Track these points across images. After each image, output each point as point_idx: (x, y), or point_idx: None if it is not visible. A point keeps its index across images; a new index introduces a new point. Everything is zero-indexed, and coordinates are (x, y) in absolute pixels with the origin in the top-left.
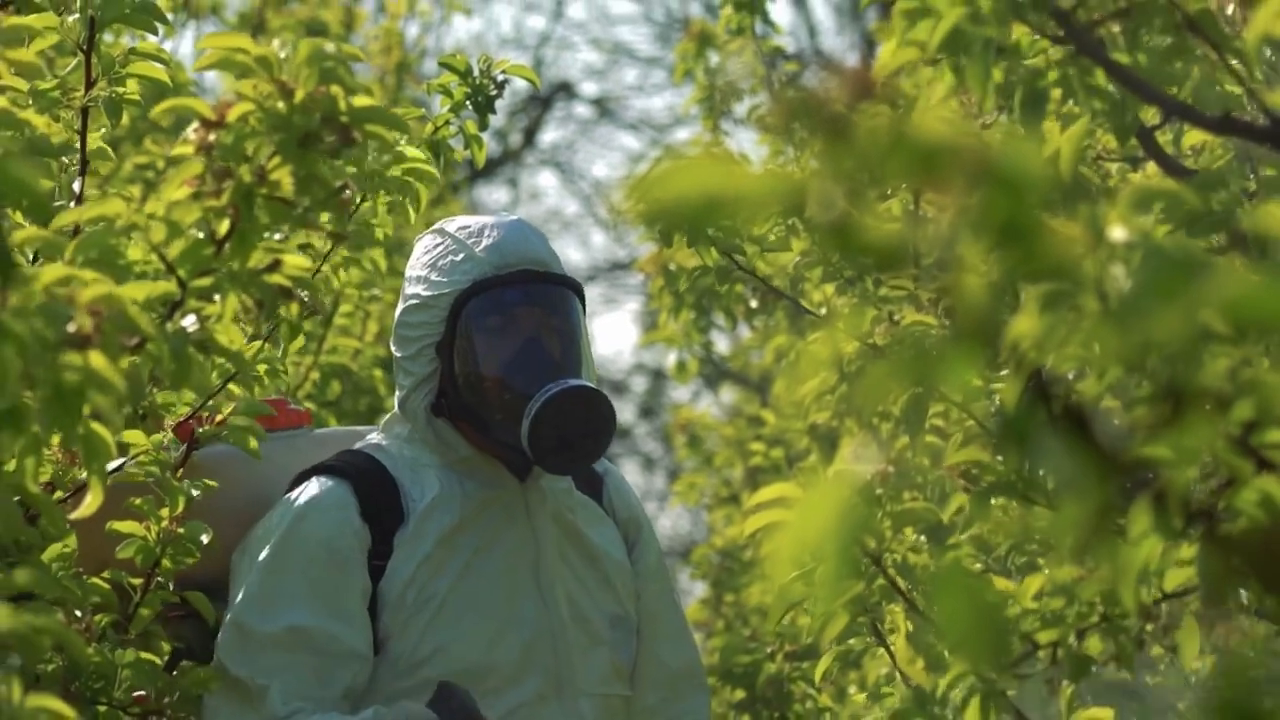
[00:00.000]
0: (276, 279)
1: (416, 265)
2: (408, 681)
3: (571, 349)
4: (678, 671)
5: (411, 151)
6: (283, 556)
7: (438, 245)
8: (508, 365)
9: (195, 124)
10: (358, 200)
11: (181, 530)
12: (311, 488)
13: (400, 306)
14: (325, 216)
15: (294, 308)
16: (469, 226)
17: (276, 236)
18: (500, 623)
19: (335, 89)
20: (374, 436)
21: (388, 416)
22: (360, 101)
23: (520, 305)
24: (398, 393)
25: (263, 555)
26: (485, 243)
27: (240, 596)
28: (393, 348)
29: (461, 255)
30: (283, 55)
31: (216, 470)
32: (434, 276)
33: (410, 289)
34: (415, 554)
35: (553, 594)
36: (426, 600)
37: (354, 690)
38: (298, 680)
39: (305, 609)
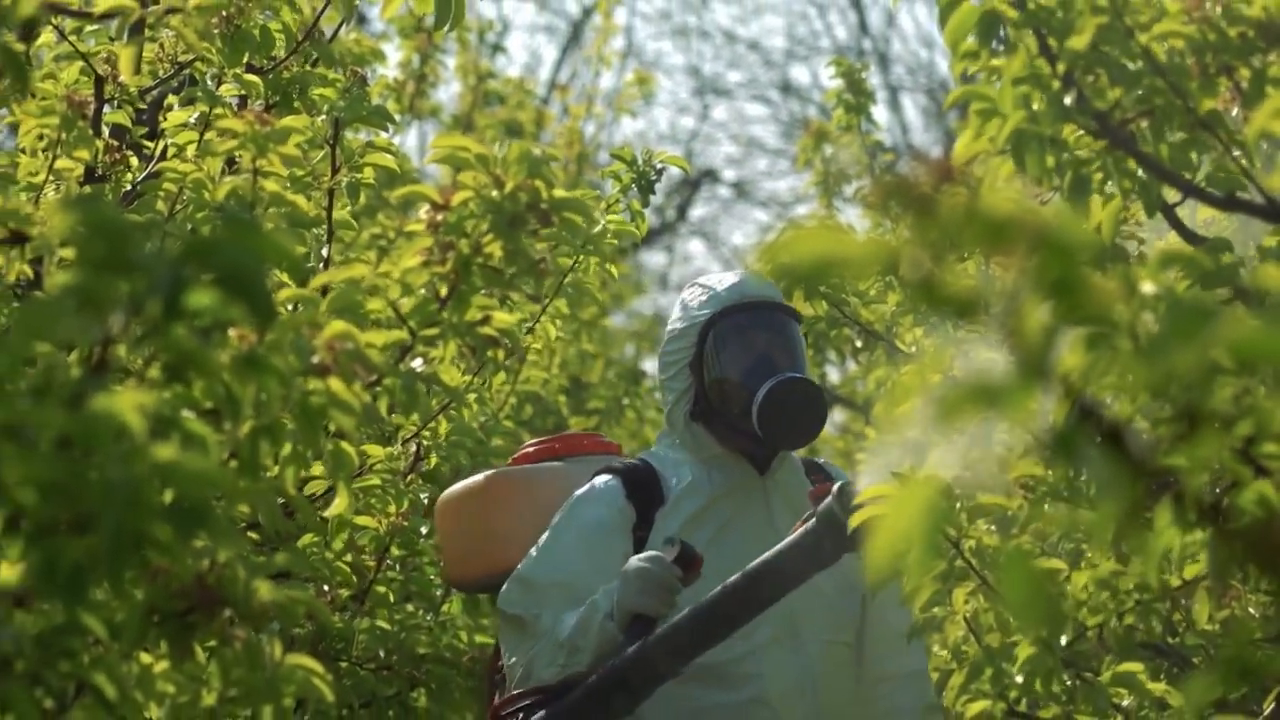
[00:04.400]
0: (487, 330)
1: (676, 308)
2: None
3: (793, 358)
4: (901, 631)
5: (615, 218)
6: (562, 528)
7: (691, 291)
8: (744, 371)
9: (426, 206)
10: (570, 264)
11: (406, 524)
12: (592, 481)
13: (663, 342)
14: (527, 282)
15: (499, 352)
16: (715, 275)
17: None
18: None
19: (538, 182)
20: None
21: (660, 432)
22: (559, 193)
23: (752, 328)
24: (664, 408)
25: (549, 530)
26: (726, 283)
27: (526, 558)
28: (657, 373)
29: (708, 295)
30: (498, 154)
31: (552, 480)
32: (688, 312)
33: (670, 326)
34: (669, 527)
35: None
36: None
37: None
38: (566, 609)
39: (575, 566)
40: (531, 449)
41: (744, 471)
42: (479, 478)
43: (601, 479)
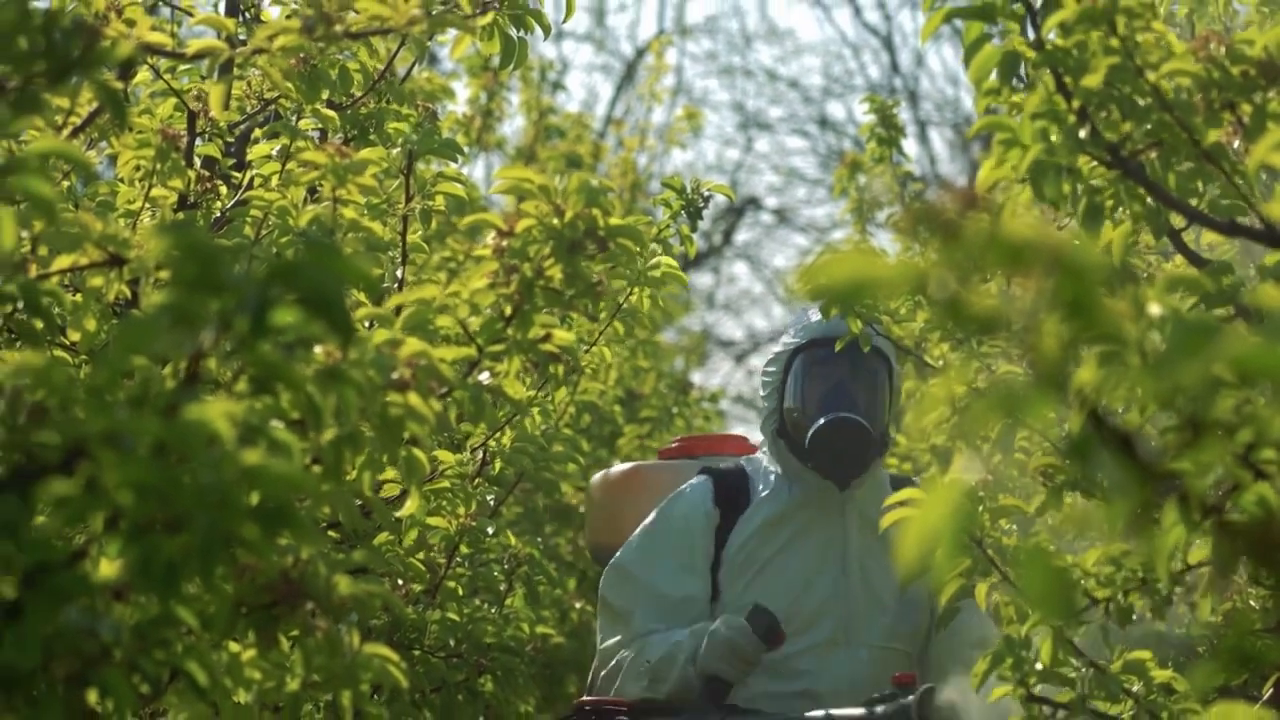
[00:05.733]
0: (548, 347)
1: (782, 334)
2: None
3: (860, 396)
4: (968, 642)
5: (668, 260)
6: (654, 523)
7: (794, 319)
8: (811, 403)
9: (492, 233)
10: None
11: (474, 524)
12: (691, 480)
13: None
14: (585, 302)
15: (559, 367)
16: (814, 306)
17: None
18: (804, 584)
19: (595, 210)
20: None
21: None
22: (614, 220)
23: (829, 362)
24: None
25: (648, 519)
26: (817, 316)
27: (625, 548)
28: (759, 390)
29: (802, 324)
30: (558, 185)
31: (680, 476)
32: (785, 338)
33: (772, 350)
34: (747, 530)
35: (850, 569)
36: (751, 563)
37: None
38: (654, 610)
39: (662, 564)
40: (675, 445)
41: (823, 486)
42: (624, 467)
43: (697, 480)
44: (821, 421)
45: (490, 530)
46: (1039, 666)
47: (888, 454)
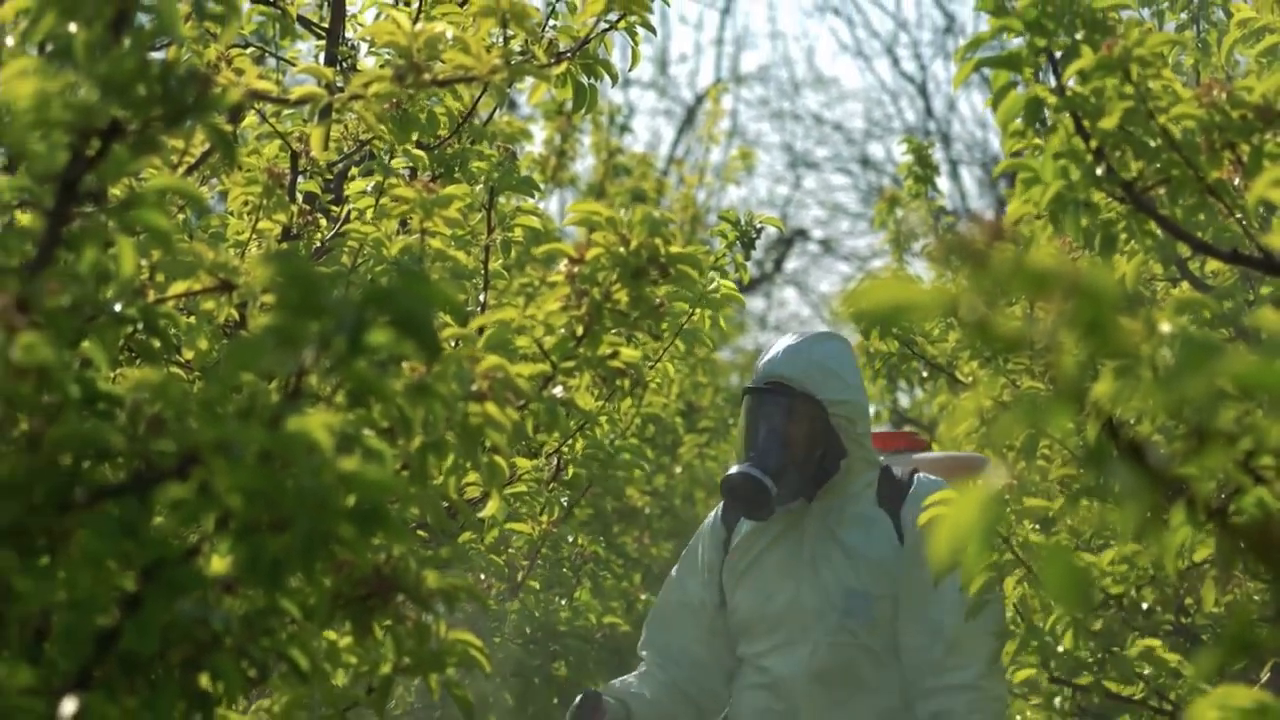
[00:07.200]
0: (615, 363)
1: None
2: (730, 622)
3: (768, 442)
4: (928, 629)
5: (727, 284)
6: (691, 539)
7: None
8: (745, 445)
9: (565, 260)
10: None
11: (555, 531)
12: None
13: None
14: (649, 323)
15: (626, 382)
16: (771, 343)
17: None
18: (772, 589)
19: (658, 240)
20: None
21: None
22: (675, 249)
23: (755, 408)
24: None
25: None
26: (763, 359)
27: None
28: None
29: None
30: (625, 217)
31: None
32: None
33: None
34: (733, 544)
35: (804, 574)
36: (733, 574)
37: (715, 629)
38: (656, 630)
39: (683, 574)
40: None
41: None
42: None
43: None
44: (726, 472)
45: (570, 538)
46: (1060, 650)
47: (847, 473)
